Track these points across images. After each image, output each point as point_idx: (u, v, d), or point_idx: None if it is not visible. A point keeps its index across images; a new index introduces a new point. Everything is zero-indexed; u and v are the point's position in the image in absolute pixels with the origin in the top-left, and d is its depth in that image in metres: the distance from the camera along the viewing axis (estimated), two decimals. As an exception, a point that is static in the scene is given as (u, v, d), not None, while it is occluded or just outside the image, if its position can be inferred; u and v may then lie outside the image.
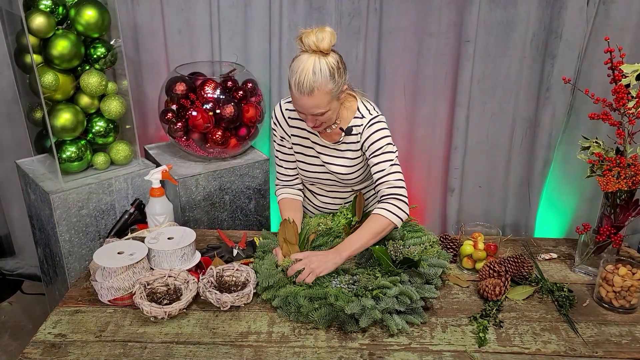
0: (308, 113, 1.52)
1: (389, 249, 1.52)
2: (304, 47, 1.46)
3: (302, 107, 1.51)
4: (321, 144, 1.70)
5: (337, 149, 1.69)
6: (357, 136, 1.66)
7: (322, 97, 1.47)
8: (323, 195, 1.84)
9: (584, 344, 1.35)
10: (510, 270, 1.54)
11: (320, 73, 1.44)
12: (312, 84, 1.44)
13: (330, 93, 1.48)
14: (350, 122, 1.65)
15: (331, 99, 1.50)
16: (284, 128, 1.73)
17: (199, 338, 1.35)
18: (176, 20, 2.40)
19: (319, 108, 1.49)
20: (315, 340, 1.35)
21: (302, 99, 1.47)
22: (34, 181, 2.05)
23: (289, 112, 1.72)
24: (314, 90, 1.45)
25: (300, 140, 1.73)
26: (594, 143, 1.62)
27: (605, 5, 2.14)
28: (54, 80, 1.91)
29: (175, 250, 1.53)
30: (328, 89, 1.47)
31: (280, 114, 1.73)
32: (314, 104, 1.48)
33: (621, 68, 1.54)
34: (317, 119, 1.54)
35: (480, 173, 2.57)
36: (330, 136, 1.69)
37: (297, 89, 1.46)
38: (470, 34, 2.25)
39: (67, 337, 1.35)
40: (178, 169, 2.21)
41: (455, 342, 1.35)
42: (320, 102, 1.48)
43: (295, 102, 1.52)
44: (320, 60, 1.45)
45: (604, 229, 1.58)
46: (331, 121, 1.59)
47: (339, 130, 1.66)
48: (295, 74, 1.45)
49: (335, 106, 1.55)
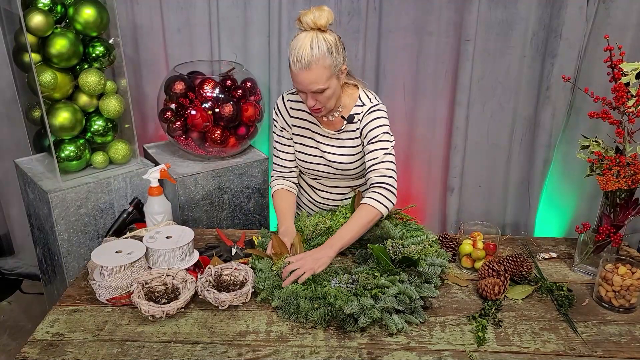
0: (307, 90, 1.53)
1: (387, 248, 1.52)
2: (303, 26, 1.50)
3: (301, 83, 1.52)
4: (322, 134, 1.72)
5: (337, 138, 1.71)
6: (357, 123, 1.68)
7: (320, 71, 1.49)
8: (322, 190, 1.85)
9: (583, 343, 1.35)
10: (509, 269, 1.54)
11: (317, 48, 1.47)
12: (309, 58, 1.47)
13: (328, 68, 1.50)
14: (351, 110, 1.68)
15: (330, 75, 1.52)
16: (285, 118, 1.75)
17: (197, 337, 1.34)
18: (175, 19, 2.40)
19: (318, 84, 1.51)
20: (314, 340, 1.34)
21: (301, 74, 1.49)
22: (33, 180, 2.05)
23: (291, 103, 1.74)
24: (311, 65, 1.47)
25: (300, 130, 1.75)
26: (594, 142, 1.62)
27: (605, 4, 2.14)
28: (53, 79, 1.90)
29: (173, 249, 1.52)
30: (326, 64, 1.49)
31: (282, 104, 1.76)
32: (312, 79, 1.50)
33: (621, 66, 1.53)
34: (317, 99, 1.55)
35: (480, 172, 2.56)
36: (332, 125, 1.71)
37: (295, 65, 1.49)
38: (470, 33, 2.25)
39: (65, 336, 1.34)
40: (177, 168, 2.20)
41: (454, 341, 1.34)
42: (319, 77, 1.50)
43: (294, 79, 1.53)
44: (318, 36, 1.48)
45: (603, 228, 1.57)
46: (331, 103, 1.60)
47: (341, 119, 1.68)
48: (294, 50, 1.49)
49: (335, 85, 1.56)
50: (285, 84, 2.46)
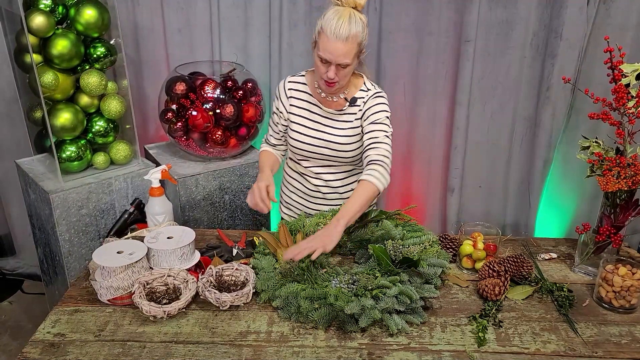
0: (335, 61, 1.59)
1: (388, 248, 1.52)
2: (342, 2, 1.58)
3: (332, 52, 1.58)
4: (322, 114, 1.78)
5: (338, 120, 1.78)
6: (360, 106, 1.75)
7: (352, 46, 1.58)
8: (314, 177, 1.87)
9: (583, 344, 1.35)
10: (509, 270, 1.54)
11: (355, 23, 1.57)
12: (348, 30, 1.55)
13: (359, 45, 1.60)
14: (355, 94, 1.76)
15: (356, 53, 1.61)
16: (282, 101, 1.83)
17: (198, 337, 1.35)
18: (176, 20, 2.41)
19: (347, 57, 1.58)
20: (315, 340, 1.34)
21: (337, 43, 1.56)
22: (34, 181, 2.05)
23: (291, 84, 1.82)
24: (349, 37, 1.56)
25: (299, 111, 1.81)
26: (594, 143, 1.62)
27: (606, 4, 2.14)
28: (54, 79, 1.91)
29: (174, 249, 1.52)
30: (359, 40, 1.59)
31: (282, 87, 1.83)
32: (345, 51, 1.57)
33: (621, 67, 1.53)
34: (338, 72, 1.62)
35: (480, 173, 2.57)
36: (334, 105, 1.78)
37: (333, 34, 1.55)
38: (470, 33, 2.25)
39: (66, 336, 1.35)
40: (178, 168, 2.21)
41: (454, 342, 1.35)
42: (350, 51, 1.58)
43: (326, 48, 1.58)
44: (355, 14, 1.58)
45: (603, 228, 1.58)
46: (345, 81, 1.68)
47: (344, 101, 1.76)
48: (332, 20, 1.56)
49: (355, 65, 1.65)
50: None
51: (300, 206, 1.95)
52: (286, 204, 2.01)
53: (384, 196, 2.66)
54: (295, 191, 1.95)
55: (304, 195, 1.93)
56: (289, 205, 2.00)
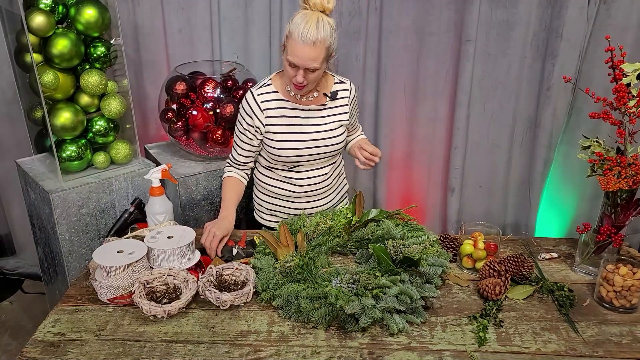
0: (303, 65, 1.60)
1: (388, 248, 1.52)
2: (309, 6, 1.59)
3: (300, 57, 1.59)
4: (303, 115, 1.79)
5: (320, 116, 1.80)
6: (345, 99, 1.82)
7: (320, 51, 1.59)
8: (301, 179, 1.86)
9: (584, 343, 1.35)
10: (510, 269, 1.54)
11: (323, 27, 1.58)
12: (315, 35, 1.56)
13: (327, 49, 1.62)
14: (332, 88, 1.80)
15: (325, 57, 1.63)
16: (257, 116, 1.76)
17: (199, 337, 1.35)
18: (176, 20, 2.41)
19: (315, 62, 1.60)
20: (315, 340, 1.34)
21: (304, 48, 1.57)
22: (34, 180, 2.05)
23: (263, 96, 1.76)
24: (316, 42, 1.57)
25: (279, 119, 1.78)
26: (595, 142, 1.62)
27: (606, 4, 2.14)
28: (54, 79, 1.91)
29: (174, 249, 1.52)
30: (327, 44, 1.60)
31: (253, 102, 1.76)
32: (313, 56, 1.59)
33: (622, 67, 1.53)
34: (306, 76, 1.64)
35: (480, 172, 2.57)
36: (314, 102, 1.80)
37: (300, 38, 1.56)
38: (470, 33, 2.25)
39: (66, 336, 1.34)
40: (178, 168, 2.21)
41: (455, 341, 1.35)
42: (318, 55, 1.59)
43: (294, 52, 1.59)
44: (323, 18, 1.59)
45: (604, 228, 1.57)
46: (313, 85, 1.71)
47: (323, 97, 1.79)
48: (299, 25, 1.57)
49: (323, 69, 1.67)
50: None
51: (285, 209, 1.92)
52: (267, 211, 1.95)
53: (384, 196, 2.66)
54: (279, 196, 1.90)
55: (290, 198, 1.89)
56: (271, 211, 1.94)
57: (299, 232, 1.64)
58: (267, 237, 1.61)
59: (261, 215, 1.99)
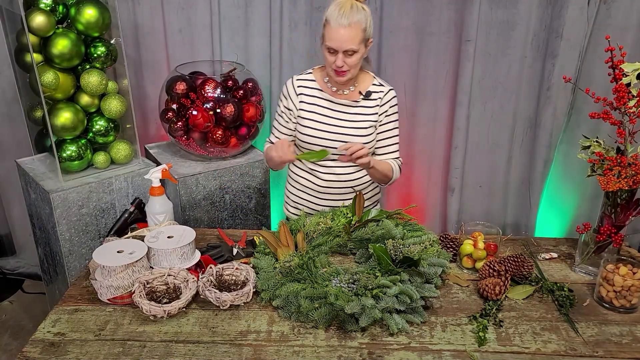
0: (341, 48, 1.66)
1: (388, 248, 1.52)
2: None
3: (337, 39, 1.65)
4: (335, 108, 1.82)
5: (351, 113, 1.83)
6: (377, 100, 1.83)
7: (356, 32, 1.65)
8: (325, 172, 1.88)
9: (584, 343, 1.35)
10: (510, 269, 1.54)
11: (357, 11, 1.65)
12: (350, 17, 1.63)
13: (363, 32, 1.67)
14: (369, 87, 1.83)
15: (362, 40, 1.68)
16: (292, 98, 1.85)
17: (199, 337, 1.35)
18: (177, 20, 2.41)
19: (353, 43, 1.65)
20: (315, 340, 1.34)
21: (340, 30, 1.64)
22: (34, 180, 2.05)
23: (300, 82, 1.86)
24: (351, 24, 1.63)
25: (310, 107, 1.84)
26: (595, 142, 1.62)
27: (606, 4, 2.14)
28: (54, 79, 1.91)
29: (174, 249, 1.52)
30: (362, 26, 1.66)
31: (290, 85, 1.87)
32: (349, 37, 1.64)
33: (622, 67, 1.53)
34: (345, 61, 1.68)
35: (480, 172, 2.57)
36: (347, 97, 1.83)
37: (336, 21, 1.64)
38: (470, 33, 2.25)
39: (66, 335, 1.34)
40: (178, 168, 2.21)
41: (455, 341, 1.35)
42: (355, 36, 1.65)
43: (331, 37, 1.66)
44: (358, 4, 1.66)
45: (604, 228, 1.57)
46: (354, 71, 1.74)
47: (357, 93, 1.82)
48: (335, 11, 1.64)
49: (362, 53, 1.71)
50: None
51: (309, 204, 1.95)
52: (293, 203, 2.01)
53: (384, 195, 2.66)
54: (304, 189, 1.95)
55: (313, 192, 1.93)
56: (297, 204, 1.99)
57: (299, 232, 1.64)
58: (267, 237, 1.62)
59: (287, 208, 2.05)
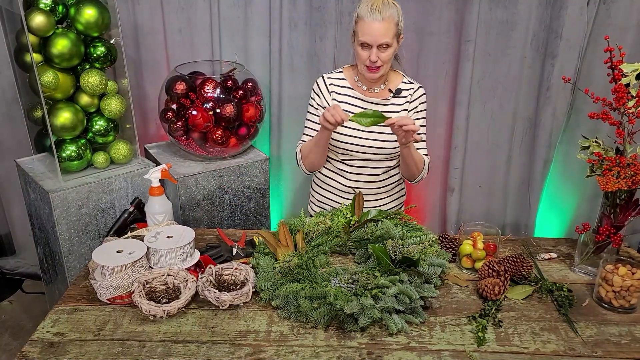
0: (375, 42, 1.67)
1: (388, 248, 1.52)
2: None
3: (372, 34, 1.66)
4: (366, 107, 1.83)
5: (385, 111, 1.82)
6: (407, 97, 1.85)
7: (390, 26, 1.67)
8: (353, 173, 1.90)
9: (583, 343, 1.35)
10: (509, 269, 1.54)
11: (389, 5, 1.68)
12: (383, 11, 1.65)
13: (396, 26, 1.69)
14: (398, 85, 1.85)
15: (395, 34, 1.69)
16: (324, 95, 1.87)
17: (198, 337, 1.35)
18: (176, 19, 2.41)
19: (387, 37, 1.67)
20: (314, 340, 1.34)
21: (374, 24, 1.65)
22: (34, 180, 2.05)
23: (332, 80, 1.88)
24: (385, 18, 1.65)
25: (343, 105, 1.85)
26: (594, 143, 1.62)
27: (606, 4, 2.14)
28: (54, 79, 1.91)
29: (174, 249, 1.52)
30: (395, 20, 1.68)
31: (322, 82, 1.89)
32: (383, 30, 1.66)
33: (621, 67, 1.53)
34: (379, 55, 1.69)
35: (480, 172, 2.57)
36: (377, 96, 1.85)
37: (370, 15, 1.66)
38: (470, 33, 2.25)
39: (66, 335, 1.35)
40: (178, 168, 2.21)
41: (454, 341, 1.35)
42: (388, 30, 1.66)
43: (365, 31, 1.67)
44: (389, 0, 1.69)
45: (603, 228, 1.57)
46: (387, 66, 1.76)
47: (387, 92, 1.84)
48: (367, 6, 1.67)
49: (395, 48, 1.73)
50: (286, 85, 2.46)
51: (334, 204, 1.97)
52: (318, 202, 2.02)
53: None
54: (330, 188, 1.96)
55: (339, 192, 1.94)
56: (321, 203, 2.01)
57: (299, 232, 1.64)
58: (266, 237, 1.62)
59: (312, 207, 2.06)
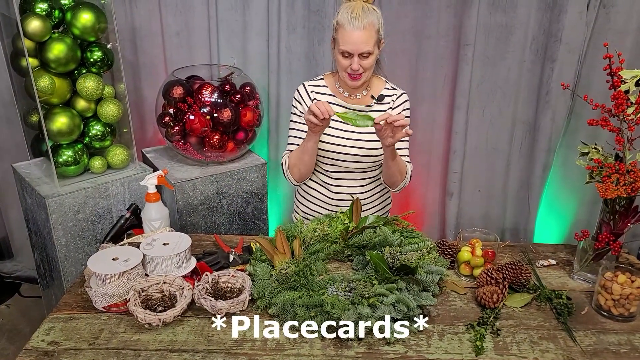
0: (357, 51, 1.65)
1: (385, 255, 1.51)
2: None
3: (353, 42, 1.64)
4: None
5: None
6: (390, 104, 1.83)
7: (371, 34, 1.64)
8: (336, 185, 1.88)
9: (582, 352, 1.34)
10: (508, 277, 1.53)
11: (369, 13, 1.65)
12: (363, 19, 1.63)
13: (377, 33, 1.67)
14: (381, 91, 1.83)
15: (376, 41, 1.68)
16: (306, 103, 1.83)
17: (194, 345, 1.34)
18: (174, 23, 2.40)
19: (368, 45, 1.65)
20: (311, 349, 1.33)
21: (354, 33, 1.63)
22: (30, 185, 2.04)
23: (313, 87, 1.85)
24: (365, 26, 1.63)
25: None
26: (593, 149, 1.61)
27: (606, 9, 2.13)
28: (50, 84, 1.90)
29: (170, 256, 1.51)
30: (376, 27, 1.66)
31: (303, 90, 1.86)
32: (364, 39, 1.64)
33: (620, 74, 1.52)
34: (361, 63, 1.67)
35: (479, 177, 2.56)
36: (359, 102, 1.83)
37: (350, 24, 1.63)
38: (469, 37, 2.24)
39: (61, 344, 1.33)
40: (175, 172, 2.20)
41: (452, 350, 1.34)
42: (369, 38, 1.64)
43: (346, 40, 1.65)
44: (368, 5, 1.67)
45: (603, 236, 1.56)
46: (369, 73, 1.73)
47: (369, 98, 1.82)
48: (347, 12, 1.64)
49: (376, 55, 1.71)
50: (284, 89, 2.46)
51: (318, 215, 1.92)
52: (302, 213, 2.00)
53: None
54: (315, 200, 1.94)
55: (324, 204, 1.92)
56: (305, 214, 1.99)
57: (296, 239, 1.63)
58: (263, 244, 1.61)
59: (295, 217, 2.04)
